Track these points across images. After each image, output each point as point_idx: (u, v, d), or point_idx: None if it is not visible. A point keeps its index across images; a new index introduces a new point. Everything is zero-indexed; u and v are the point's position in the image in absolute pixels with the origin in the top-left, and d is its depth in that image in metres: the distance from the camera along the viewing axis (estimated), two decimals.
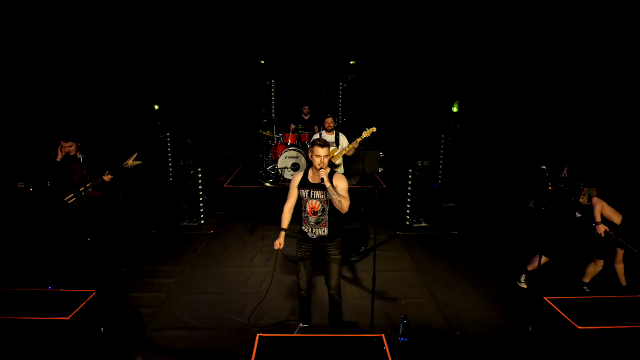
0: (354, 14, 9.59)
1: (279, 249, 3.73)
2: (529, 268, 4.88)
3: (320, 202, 3.62)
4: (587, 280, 4.75)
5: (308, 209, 3.66)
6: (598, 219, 4.38)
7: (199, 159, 7.13)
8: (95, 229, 5.20)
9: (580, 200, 4.49)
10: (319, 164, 3.52)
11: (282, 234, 3.73)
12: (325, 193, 3.55)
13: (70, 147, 4.91)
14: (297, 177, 3.72)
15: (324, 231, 3.67)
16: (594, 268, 4.68)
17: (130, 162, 4.96)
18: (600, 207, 4.42)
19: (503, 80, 8.35)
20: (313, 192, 3.63)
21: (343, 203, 3.48)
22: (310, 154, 3.60)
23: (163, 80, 9.30)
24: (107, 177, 4.94)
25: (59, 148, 4.89)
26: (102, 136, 5.13)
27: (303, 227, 3.75)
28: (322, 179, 3.45)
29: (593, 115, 6.50)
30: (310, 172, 3.69)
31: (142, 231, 6.66)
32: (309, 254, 3.75)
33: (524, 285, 4.90)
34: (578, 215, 4.64)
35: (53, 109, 7.34)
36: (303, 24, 9.96)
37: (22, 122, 6.82)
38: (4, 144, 6.47)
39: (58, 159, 4.85)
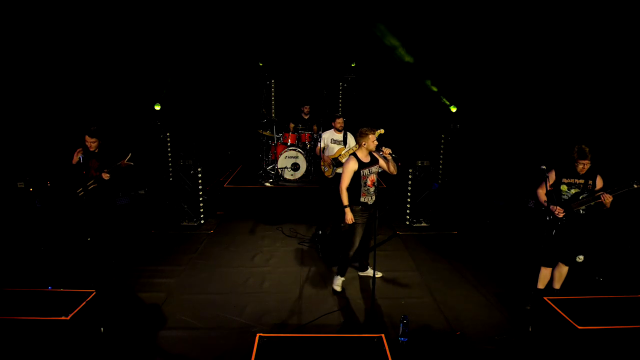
0: (354, 14, 9.58)
1: (352, 221, 4.50)
2: (540, 286, 4.49)
3: (376, 174, 4.63)
4: (557, 286, 4.44)
5: (369, 182, 4.55)
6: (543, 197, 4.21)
7: (199, 159, 7.13)
8: (99, 227, 5.23)
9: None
10: (375, 146, 4.51)
11: (349, 209, 4.48)
12: (378, 166, 4.63)
13: (93, 144, 5.03)
14: (353, 163, 4.47)
15: (377, 196, 4.65)
16: (559, 272, 4.39)
17: (125, 162, 5.10)
18: (541, 191, 4.27)
19: (503, 80, 8.34)
20: (370, 169, 4.55)
21: (394, 167, 4.63)
22: (363, 140, 4.49)
23: (163, 80, 9.30)
24: (105, 176, 5.01)
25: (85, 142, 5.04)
26: (106, 135, 5.19)
27: (362, 199, 4.55)
28: (390, 154, 4.44)
29: (593, 115, 6.50)
30: (360, 155, 4.53)
31: (142, 231, 6.66)
32: (366, 219, 4.65)
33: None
34: (531, 205, 4.52)
35: (53, 110, 7.34)
36: (303, 25, 9.95)
37: (22, 122, 6.82)
38: (4, 144, 6.47)
39: (75, 159, 4.93)
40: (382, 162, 4.65)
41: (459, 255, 5.88)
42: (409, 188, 7.12)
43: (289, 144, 8.53)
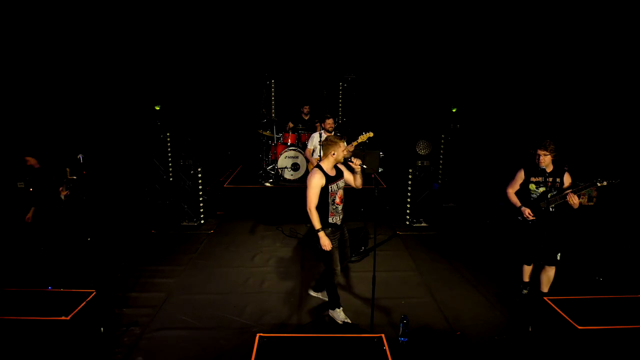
0: (354, 15, 9.58)
1: (332, 247, 3.89)
2: (526, 279, 4.61)
3: (343, 190, 3.99)
4: (545, 289, 4.46)
5: (337, 199, 3.92)
6: (518, 203, 4.33)
7: (199, 159, 7.13)
8: (92, 227, 5.26)
9: (580, 200, 4.42)
10: (346, 155, 3.91)
11: (323, 233, 3.84)
12: (344, 180, 4.00)
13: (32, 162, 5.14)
14: (319, 177, 3.80)
15: (344, 213, 4.04)
16: (547, 275, 4.41)
17: (68, 175, 5.34)
18: (511, 191, 4.39)
19: (503, 80, 8.35)
20: (338, 183, 3.93)
21: (361, 180, 4.01)
22: (333, 149, 3.84)
23: (164, 80, 9.30)
24: (63, 192, 5.12)
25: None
26: (105, 136, 5.21)
27: (331, 219, 3.92)
28: (361, 165, 3.83)
29: (593, 115, 6.50)
30: (326, 168, 3.89)
31: (142, 231, 6.66)
32: (338, 240, 4.02)
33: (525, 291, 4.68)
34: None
35: (53, 110, 7.34)
36: (303, 25, 9.95)
37: (22, 122, 6.81)
38: (4, 144, 6.46)
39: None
40: (347, 174, 4.03)
41: (459, 255, 5.88)
42: (409, 188, 7.12)
43: (289, 143, 8.53)
